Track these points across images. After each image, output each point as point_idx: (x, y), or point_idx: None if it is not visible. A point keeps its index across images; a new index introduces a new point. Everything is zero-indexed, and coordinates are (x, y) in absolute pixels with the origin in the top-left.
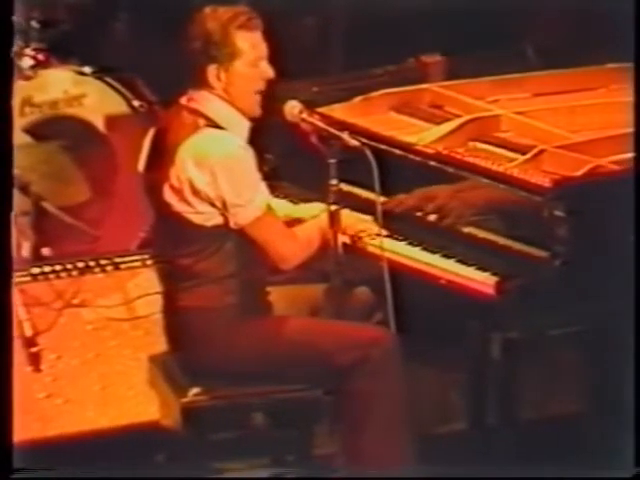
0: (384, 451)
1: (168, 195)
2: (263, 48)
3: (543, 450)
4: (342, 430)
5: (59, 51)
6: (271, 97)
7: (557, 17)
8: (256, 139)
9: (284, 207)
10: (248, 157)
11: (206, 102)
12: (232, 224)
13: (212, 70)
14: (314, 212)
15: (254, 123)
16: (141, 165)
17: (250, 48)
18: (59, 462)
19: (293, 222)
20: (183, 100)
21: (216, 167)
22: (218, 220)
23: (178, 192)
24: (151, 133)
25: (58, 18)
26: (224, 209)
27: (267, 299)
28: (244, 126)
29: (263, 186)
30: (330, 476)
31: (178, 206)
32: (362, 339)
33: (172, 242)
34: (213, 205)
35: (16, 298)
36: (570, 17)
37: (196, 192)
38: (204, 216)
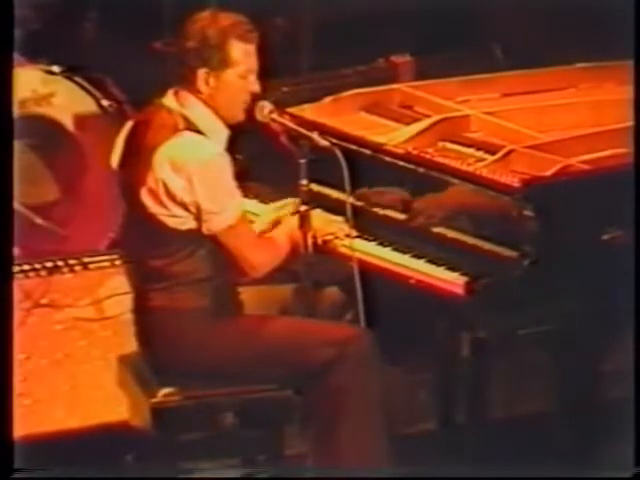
0: (358, 450)
1: (145, 196)
2: (255, 62)
3: (512, 450)
4: (315, 429)
5: (28, 50)
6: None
7: (526, 17)
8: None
9: (257, 209)
10: (225, 165)
11: (189, 105)
12: (204, 230)
13: (202, 74)
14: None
15: (231, 130)
16: (115, 162)
17: (243, 59)
18: (28, 462)
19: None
20: (165, 99)
21: (193, 172)
22: (192, 224)
23: (154, 194)
24: (127, 129)
25: (26, 17)
26: (198, 214)
27: (239, 300)
28: (223, 134)
29: (238, 194)
30: (301, 476)
31: (153, 208)
32: (338, 336)
33: (145, 243)
34: (187, 210)
35: None
36: (539, 17)
37: (171, 195)
38: (179, 220)
